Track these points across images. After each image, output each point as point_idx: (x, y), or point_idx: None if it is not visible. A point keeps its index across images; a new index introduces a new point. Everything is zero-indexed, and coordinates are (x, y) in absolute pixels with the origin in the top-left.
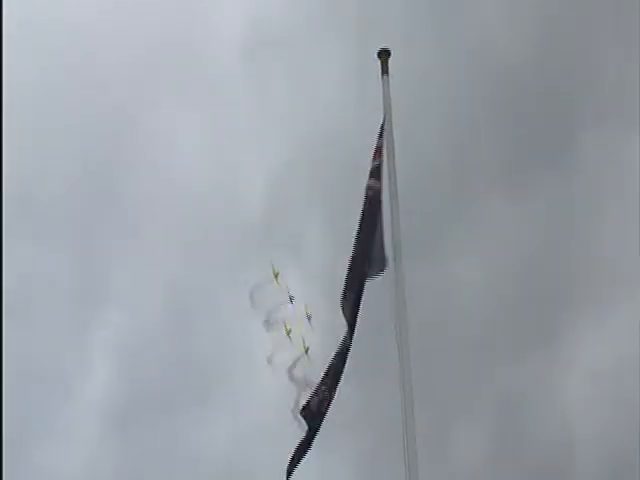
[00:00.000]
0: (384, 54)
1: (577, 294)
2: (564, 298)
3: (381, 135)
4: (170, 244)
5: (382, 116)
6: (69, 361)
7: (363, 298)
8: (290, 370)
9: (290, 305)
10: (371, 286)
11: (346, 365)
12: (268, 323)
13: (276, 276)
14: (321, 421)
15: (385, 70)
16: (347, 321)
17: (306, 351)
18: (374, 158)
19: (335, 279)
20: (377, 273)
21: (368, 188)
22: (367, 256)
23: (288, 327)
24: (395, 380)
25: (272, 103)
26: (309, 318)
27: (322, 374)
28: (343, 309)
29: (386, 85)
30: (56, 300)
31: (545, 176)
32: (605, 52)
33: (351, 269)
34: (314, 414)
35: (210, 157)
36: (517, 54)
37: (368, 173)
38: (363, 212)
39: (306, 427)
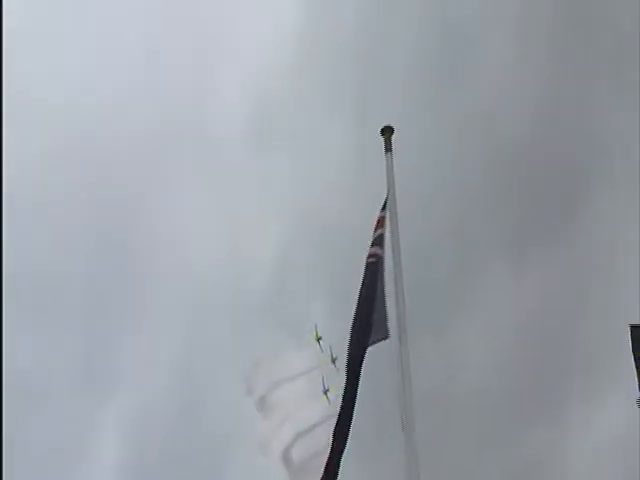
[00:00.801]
0: (387, 131)
1: (584, 364)
2: (570, 368)
3: (384, 207)
4: (177, 323)
5: (385, 190)
6: (80, 438)
7: (364, 368)
8: (285, 452)
9: (332, 366)
10: (375, 360)
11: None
12: (262, 405)
13: (318, 340)
14: None
15: (388, 147)
16: (347, 389)
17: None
18: (376, 228)
19: (341, 355)
20: (378, 340)
21: (370, 255)
22: (368, 322)
23: (327, 386)
24: (401, 453)
25: (277, 181)
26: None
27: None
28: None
29: (390, 161)
30: (66, 379)
31: (548, 248)
32: (608, 123)
33: (352, 337)
34: None
35: (216, 239)
36: (520, 126)
37: (370, 242)
38: (364, 279)
39: None
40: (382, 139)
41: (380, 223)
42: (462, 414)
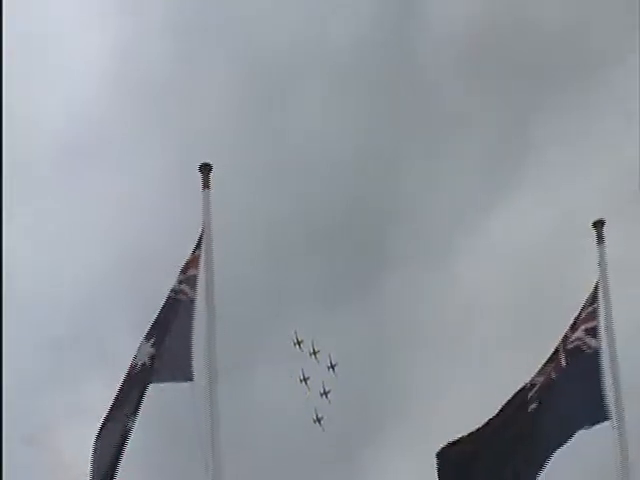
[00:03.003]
0: (205, 168)
1: (388, 413)
2: (374, 419)
3: (198, 247)
4: None
5: (201, 228)
6: None
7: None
8: None
9: (315, 360)
10: (180, 401)
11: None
12: (30, 440)
13: (300, 343)
14: None
15: (206, 184)
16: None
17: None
18: (188, 267)
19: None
20: (177, 380)
21: (178, 292)
22: (164, 358)
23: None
24: None
25: (91, 213)
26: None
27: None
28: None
29: (206, 199)
30: None
31: (357, 301)
32: (415, 183)
33: (141, 371)
34: None
35: (27, 262)
36: (335, 178)
37: (178, 279)
38: (166, 312)
39: None
40: (200, 176)
41: (193, 263)
42: (269, 457)
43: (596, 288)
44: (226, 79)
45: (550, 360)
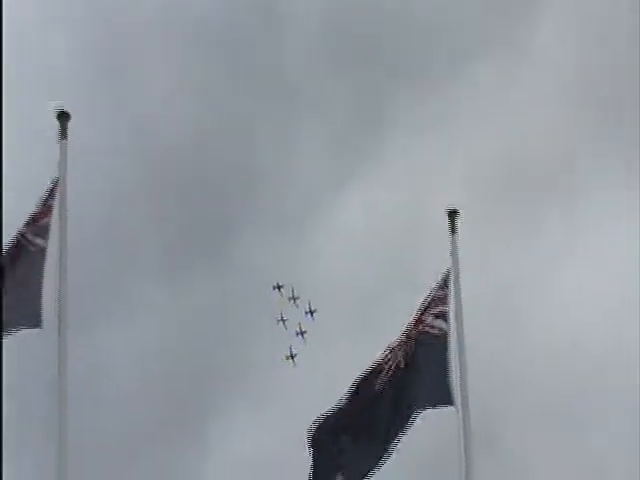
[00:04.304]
0: (63, 117)
1: (225, 382)
2: (213, 385)
3: (51, 196)
4: None
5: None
6: None
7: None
8: None
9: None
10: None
11: None
12: None
13: (280, 287)
14: None
15: (64, 134)
16: None
17: None
18: (41, 217)
19: None
20: (25, 327)
21: (29, 241)
22: (15, 307)
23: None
24: (52, 446)
25: None
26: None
27: None
28: None
29: (64, 149)
30: None
31: (203, 269)
32: (263, 160)
33: None
34: None
35: None
36: (178, 138)
37: (28, 229)
38: (13, 259)
39: None
40: (58, 125)
41: (45, 213)
42: (107, 411)
43: (447, 274)
44: (85, 30)
45: (400, 343)
